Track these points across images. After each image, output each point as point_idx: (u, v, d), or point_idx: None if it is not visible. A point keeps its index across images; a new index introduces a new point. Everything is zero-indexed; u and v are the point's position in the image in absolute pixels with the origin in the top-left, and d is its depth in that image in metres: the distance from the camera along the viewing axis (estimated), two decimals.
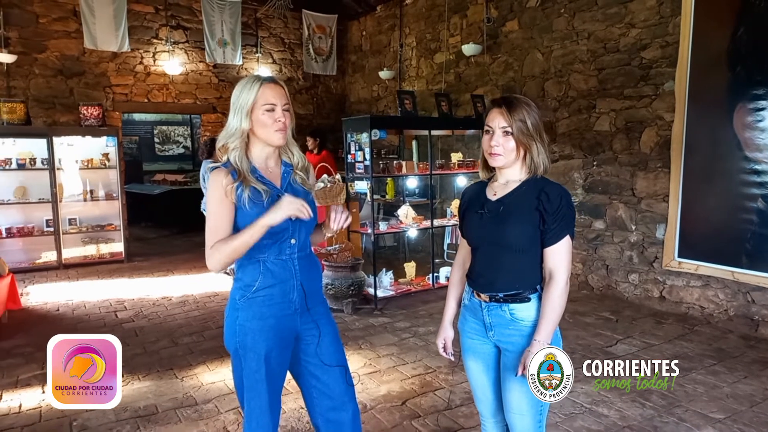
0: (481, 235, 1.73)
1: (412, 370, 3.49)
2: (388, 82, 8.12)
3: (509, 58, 6.10)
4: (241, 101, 1.70)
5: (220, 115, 8.38)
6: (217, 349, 3.89)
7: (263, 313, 1.72)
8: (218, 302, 5.14)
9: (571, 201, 1.65)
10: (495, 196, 1.72)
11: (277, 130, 1.71)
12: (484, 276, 1.72)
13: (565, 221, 1.61)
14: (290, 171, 1.82)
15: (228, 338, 1.77)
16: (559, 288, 1.62)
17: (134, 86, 7.65)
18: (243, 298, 1.73)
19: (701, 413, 2.91)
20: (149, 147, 12.83)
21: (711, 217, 4.36)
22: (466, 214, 1.80)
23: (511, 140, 1.64)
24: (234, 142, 1.71)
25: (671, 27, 4.51)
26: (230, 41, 7.86)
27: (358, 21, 8.88)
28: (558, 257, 1.63)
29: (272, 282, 1.72)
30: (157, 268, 6.66)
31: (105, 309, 4.95)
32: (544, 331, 1.61)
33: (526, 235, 1.64)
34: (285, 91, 1.75)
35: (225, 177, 1.68)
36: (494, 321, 1.71)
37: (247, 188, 1.68)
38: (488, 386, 1.82)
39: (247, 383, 1.72)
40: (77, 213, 6.94)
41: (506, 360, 1.71)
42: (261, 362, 1.70)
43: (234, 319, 1.75)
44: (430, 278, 5.37)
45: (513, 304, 1.68)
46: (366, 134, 4.68)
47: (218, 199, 1.68)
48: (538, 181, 1.68)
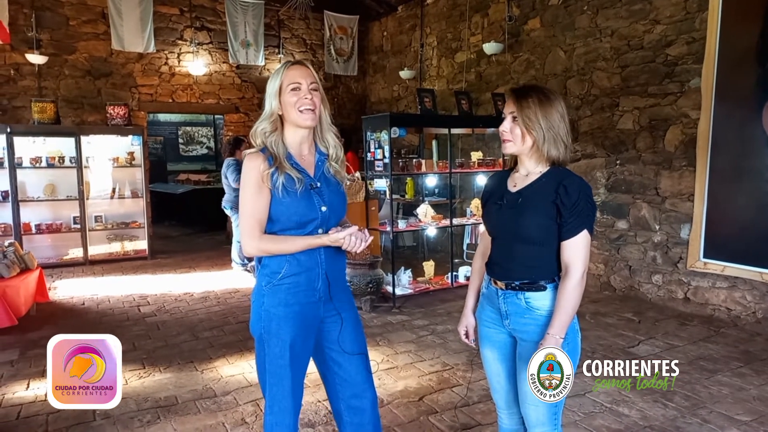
0: (498, 225, 1.73)
1: (430, 367, 3.48)
2: (408, 82, 8.12)
3: (531, 56, 6.05)
4: (271, 87, 1.74)
5: (243, 115, 8.48)
6: (237, 343, 3.94)
7: (288, 300, 1.73)
8: (239, 298, 5.20)
9: (590, 195, 1.62)
10: (515, 188, 1.71)
11: (303, 109, 1.71)
12: (500, 265, 1.72)
13: (582, 216, 1.58)
14: (324, 160, 1.82)
15: (253, 323, 1.79)
16: (573, 282, 1.59)
17: (159, 86, 7.80)
18: (269, 284, 1.75)
19: (726, 415, 2.83)
20: (174, 147, 13.04)
21: (738, 217, 4.25)
22: (488, 204, 1.80)
23: (517, 127, 1.63)
24: (268, 127, 1.73)
25: (698, 23, 4.42)
26: (253, 42, 7.96)
27: (379, 21, 8.91)
28: (574, 251, 1.60)
29: (298, 270, 1.73)
30: (179, 265, 6.77)
31: (128, 304, 5.04)
32: (557, 324, 1.59)
33: (542, 228, 1.62)
34: (311, 71, 1.76)
35: (262, 162, 1.70)
36: (510, 309, 1.71)
37: (281, 174, 1.69)
38: (503, 376, 1.81)
39: (270, 368, 1.74)
40: (103, 210, 7.10)
41: (521, 350, 1.70)
42: (285, 348, 1.72)
43: (260, 304, 1.76)
44: (449, 277, 5.34)
45: (528, 293, 1.67)
46: (385, 132, 4.69)
47: (255, 184, 1.69)
48: (558, 173, 1.65)
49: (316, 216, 1.73)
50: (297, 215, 1.70)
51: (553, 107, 1.62)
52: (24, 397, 3.09)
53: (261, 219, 1.71)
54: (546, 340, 1.59)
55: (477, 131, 6.09)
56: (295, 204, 1.70)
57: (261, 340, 1.76)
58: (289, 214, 1.70)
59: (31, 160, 6.48)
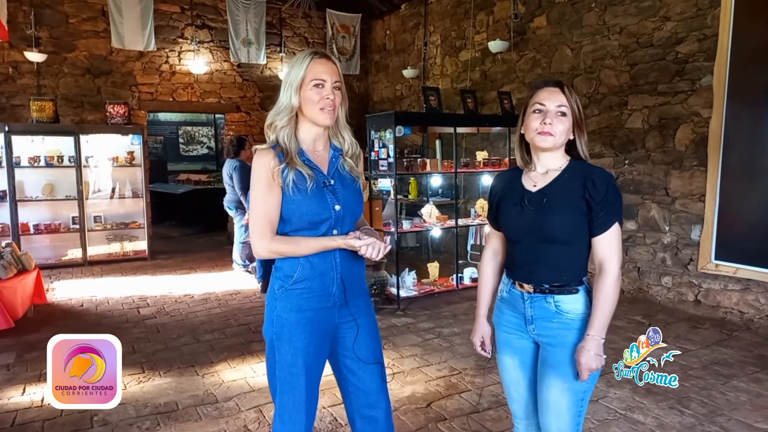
0: (522, 228, 1.63)
1: (437, 372, 3.38)
2: (411, 81, 8.03)
3: (537, 54, 5.96)
4: (291, 77, 1.62)
5: (244, 114, 8.40)
6: (239, 346, 3.85)
7: (301, 305, 1.64)
8: (240, 300, 5.11)
9: (617, 186, 1.56)
10: (535, 187, 1.62)
11: (324, 109, 1.62)
12: (526, 268, 1.63)
13: (613, 208, 1.52)
14: (339, 156, 1.73)
15: (266, 328, 1.70)
16: (612, 278, 1.52)
17: (159, 85, 7.71)
18: (281, 288, 1.66)
19: (745, 422, 2.74)
20: (174, 147, 12.96)
21: (751, 218, 4.16)
22: (501, 206, 1.70)
23: (564, 122, 1.55)
24: (282, 120, 1.63)
25: (710, 19, 4.33)
26: (254, 41, 7.88)
27: (382, 20, 8.82)
28: (608, 247, 1.53)
29: (311, 274, 1.64)
30: (179, 266, 6.68)
31: (128, 305, 4.95)
32: (597, 324, 1.52)
33: (572, 226, 1.55)
34: (337, 68, 1.66)
35: (272, 159, 1.60)
36: (537, 313, 1.62)
37: (292, 171, 1.60)
38: (523, 384, 1.72)
39: (280, 375, 1.65)
40: (102, 211, 7.02)
41: (546, 355, 1.61)
42: (297, 356, 1.64)
43: (272, 309, 1.67)
44: (454, 279, 5.25)
45: (559, 296, 1.58)
46: (390, 131, 4.60)
47: (265, 182, 1.61)
48: (580, 166, 1.59)
49: (329, 215, 1.64)
50: (309, 214, 1.61)
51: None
52: (19, 402, 2.99)
53: (272, 219, 1.62)
54: (587, 341, 1.51)
55: (482, 130, 6.00)
56: (306, 202, 1.60)
57: (272, 346, 1.67)
58: (300, 214, 1.61)
59: (29, 159, 6.40)
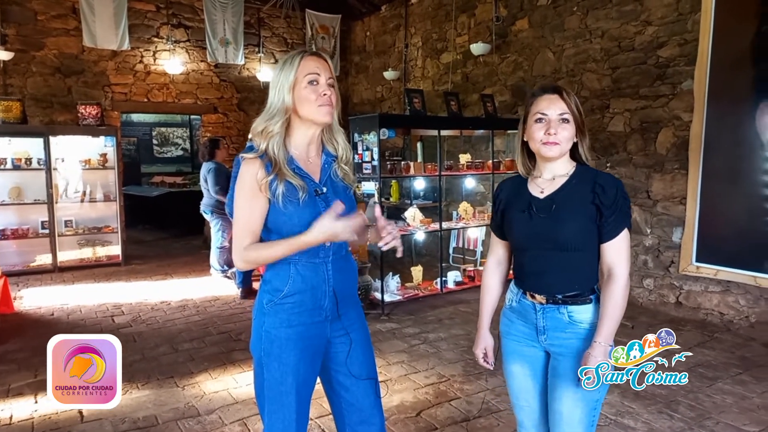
0: (531, 236, 1.58)
1: (425, 379, 3.32)
2: (392, 83, 7.98)
3: (519, 57, 5.96)
4: (282, 78, 1.52)
5: (222, 115, 8.23)
6: (220, 355, 3.73)
7: (291, 320, 1.56)
8: (219, 307, 4.97)
9: (625, 190, 1.53)
10: (543, 194, 1.58)
11: (322, 105, 1.52)
12: (536, 277, 1.59)
13: (622, 213, 1.50)
14: (332, 162, 1.64)
15: (253, 344, 1.61)
16: (621, 284, 1.49)
17: (134, 85, 7.50)
18: (270, 303, 1.57)
19: (733, 425, 2.75)
20: (148, 149, 12.65)
21: (731, 220, 4.21)
22: (507, 214, 1.66)
23: (568, 128, 1.53)
24: (276, 124, 1.53)
25: (690, 24, 4.38)
26: (232, 41, 7.72)
27: (362, 21, 8.75)
28: (617, 252, 1.51)
29: (302, 287, 1.56)
30: (155, 271, 6.49)
31: (102, 313, 4.76)
32: (606, 331, 1.48)
33: (583, 232, 1.52)
34: (329, 64, 1.57)
35: (260, 169, 1.51)
36: (549, 324, 1.57)
37: (281, 183, 1.50)
38: (533, 393, 1.68)
39: (269, 394, 1.57)
40: (74, 215, 6.77)
41: (557, 365, 1.57)
42: (287, 373, 1.55)
43: (260, 324, 1.58)
44: (438, 283, 5.20)
45: (572, 306, 1.54)
46: (374, 134, 4.53)
47: (250, 193, 1.51)
48: (588, 172, 1.56)
49: None
50: (300, 226, 1.51)
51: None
52: None
53: (253, 230, 1.53)
54: (594, 348, 1.47)
55: (465, 133, 5.98)
56: (298, 213, 1.51)
57: (260, 363, 1.58)
58: (291, 225, 1.51)
59: None
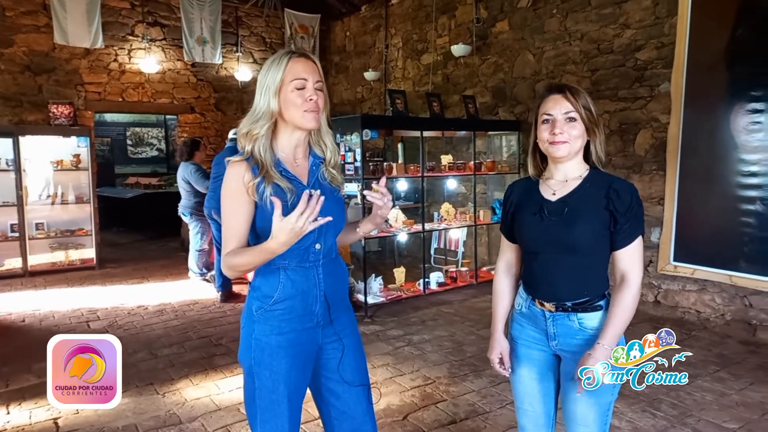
0: (542, 239, 1.56)
1: (411, 382, 3.30)
2: (373, 84, 7.95)
3: (499, 59, 6.00)
4: (268, 80, 1.48)
5: (199, 115, 8.09)
6: (200, 361, 3.65)
7: (282, 327, 1.52)
8: (198, 311, 4.88)
9: (639, 197, 1.51)
10: (555, 196, 1.56)
11: (308, 111, 1.48)
12: (546, 283, 1.57)
13: (636, 220, 1.48)
14: (319, 164, 1.60)
15: (242, 353, 1.57)
16: (633, 291, 1.49)
17: (108, 84, 7.30)
18: (260, 309, 1.53)
19: (714, 423, 2.79)
20: (121, 149, 12.37)
21: (708, 220, 4.29)
22: (518, 216, 1.64)
23: (576, 127, 1.50)
24: (261, 128, 1.49)
25: (667, 28, 4.45)
26: (210, 39, 7.59)
27: (341, 21, 8.71)
28: (630, 259, 1.50)
29: (293, 293, 1.52)
30: (131, 274, 6.34)
31: (76, 319, 4.63)
32: (611, 335, 1.47)
33: (595, 237, 1.50)
34: (318, 67, 1.53)
35: (246, 172, 1.46)
36: (560, 331, 1.57)
37: (269, 185, 1.46)
38: (538, 397, 1.67)
39: (261, 403, 1.52)
40: (45, 217, 6.58)
41: (570, 369, 1.56)
42: (279, 381, 1.51)
43: (249, 332, 1.54)
44: (421, 284, 5.19)
45: (582, 314, 1.54)
46: (357, 135, 4.49)
47: (236, 196, 1.47)
48: (602, 176, 1.54)
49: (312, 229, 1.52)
50: None
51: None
52: None
53: (239, 235, 1.49)
54: (596, 350, 1.46)
55: (446, 134, 5.99)
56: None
57: (251, 372, 1.54)
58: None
59: None
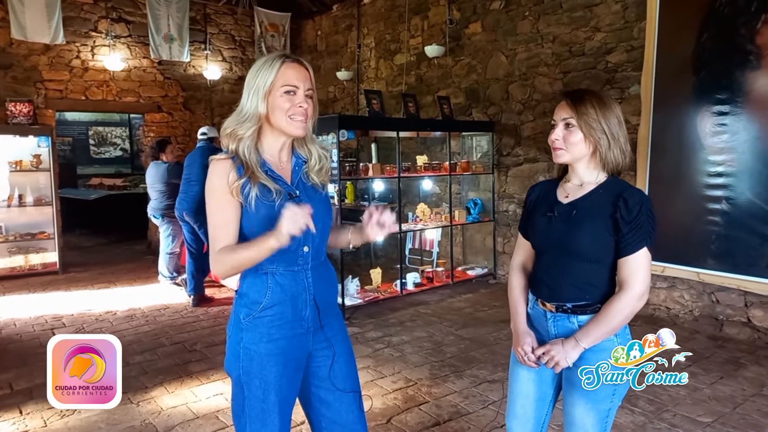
0: (548, 239, 1.58)
1: (392, 384, 3.28)
2: (345, 84, 7.90)
3: (472, 60, 6.04)
4: (258, 82, 1.44)
5: (166, 114, 7.87)
6: (175, 368, 3.54)
7: (272, 334, 1.47)
8: (170, 316, 4.74)
9: (651, 209, 1.49)
10: (567, 199, 1.57)
11: (294, 117, 1.46)
12: (548, 284, 1.58)
13: (642, 231, 1.46)
14: (302, 164, 1.57)
15: (230, 362, 1.51)
16: (627, 298, 1.47)
17: (70, 82, 7.03)
18: (248, 317, 1.48)
19: (689, 417, 2.87)
20: (84, 149, 11.95)
21: (677, 219, 4.41)
22: (532, 215, 1.65)
23: (573, 133, 1.50)
24: (247, 130, 1.45)
25: (636, 31, 4.56)
26: (177, 37, 7.40)
27: (312, 20, 8.62)
28: (632, 269, 1.47)
29: (282, 298, 1.48)
30: (97, 279, 6.12)
31: (40, 327, 4.43)
32: (592, 334, 1.47)
33: (598, 244, 1.49)
34: (310, 74, 1.51)
35: (231, 172, 1.43)
36: (560, 332, 1.57)
37: (255, 186, 1.43)
38: (531, 400, 1.66)
39: (250, 413, 1.48)
40: (3, 220, 6.32)
41: (570, 374, 1.56)
42: (269, 390, 1.47)
43: (237, 341, 1.49)
44: (398, 285, 5.18)
45: (582, 316, 1.53)
46: (333, 135, 4.45)
47: (222, 196, 1.44)
48: (617, 184, 1.53)
49: None
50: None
51: (612, 111, 1.50)
52: None
53: (229, 233, 1.44)
54: (568, 342, 1.48)
55: (421, 134, 5.99)
56: (274, 218, 1.41)
57: (239, 382, 1.49)
58: (265, 230, 1.41)
59: None
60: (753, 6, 3.91)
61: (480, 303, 5.06)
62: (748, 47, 3.95)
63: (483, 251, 6.09)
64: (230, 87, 8.39)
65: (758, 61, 3.91)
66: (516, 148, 5.62)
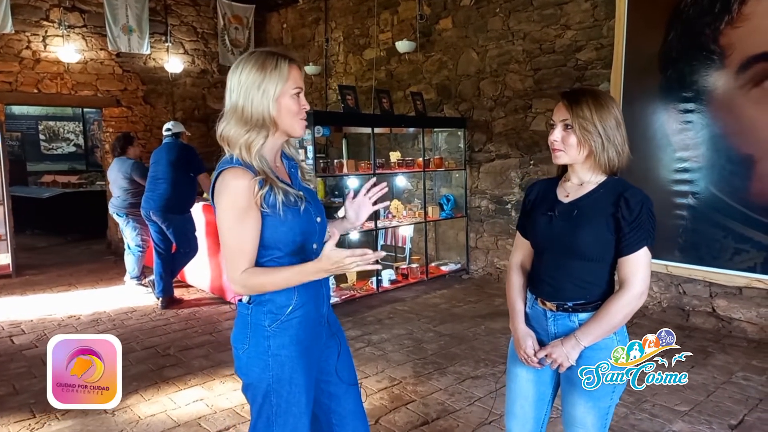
0: (548, 239, 1.57)
1: (377, 383, 3.25)
2: (313, 78, 7.78)
3: (443, 56, 6.04)
4: (266, 84, 1.38)
5: (126, 109, 7.55)
6: (150, 374, 3.40)
7: (299, 336, 1.43)
8: (138, 319, 4.56)
9: (652, 208, 1.50)
10: (567, 198, 1.57)
11: (303, 119, 1.47)
12: (549, 284, 1.58)
13: (642, 230, 1.47)
14: (296, 166, 1.55)
15: (257, 375, 1.43)
16: (627, 297, 1.47)
17: (20, 74, 6.65)
18: (276, 322, 1.42)
19: (668, 407, 2.96)
20: (34, 144, 11.36)
21: None
22: (532, 214, 1.64)
23: (571, 135, 1.49)
24: (262, 137, 1.40)
25: (605, 30, 4.66)
26: (136, 28, 7.10)
27: (278, 12, 8.44)
28: (632, 268, 1.48)
29: (307, 298, 1.45)
30: (55, 282, 5.83)
31: None
32: (592, 333, 1.48)
33: (599, 242, 1.50)
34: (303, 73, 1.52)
35: (254, 183, 1.35)
36: (560, 331, 1.57)
37: (279, 193, 1.38)
38: (530, 401, 1.66)
39: (279, 421, 1.42)
40: None
41: (570, 374, 1.56)
42: (301, 394, 1.43)
43: (264, 349, 1.42)
44: (374, 282, 5.15)
45: (583, 314, 1.54)
46: (308, 131, 4.35)
47: (242, 209, 1.35)
48: (618, 184, 1.53)
49: (315, 229, 1.48)
50: (301, 235, 1.42)
51: (609, 112, 1.49)
52: None
53: (250, 251, 1.38)
54: (568, 340, 1.49)
55: (394, 130, 5.96)
56: (299, 223, 1.41)
57: (267, 393, 1.41)
58: (293, 235, 1.41)
59: None
60: (716, 7, 4.05)
61: (455, 298, 5.09)
62: (711, 47, 4.10)
63: (456, 247, 6.13)
64: (192, 81, 8.13)
65: (721, 61, 4.06)
66: (488, 144, 5.67)
